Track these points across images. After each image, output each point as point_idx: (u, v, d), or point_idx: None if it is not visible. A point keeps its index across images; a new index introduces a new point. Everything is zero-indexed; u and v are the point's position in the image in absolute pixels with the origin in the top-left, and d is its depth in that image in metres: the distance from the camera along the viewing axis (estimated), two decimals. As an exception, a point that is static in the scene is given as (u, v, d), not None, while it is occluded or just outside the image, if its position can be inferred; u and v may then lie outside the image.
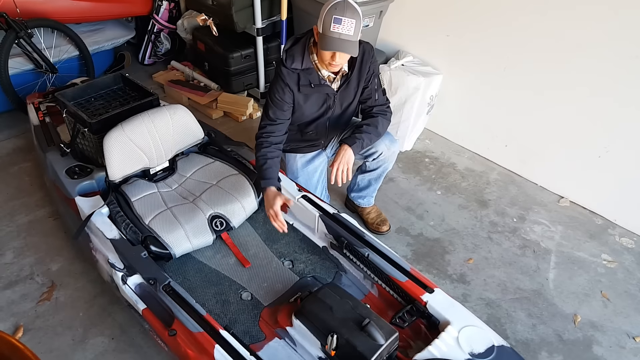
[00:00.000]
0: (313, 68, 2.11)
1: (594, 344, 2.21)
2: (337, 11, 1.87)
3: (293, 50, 2.10)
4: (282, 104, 2.16)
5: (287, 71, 2.11)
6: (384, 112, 2.31)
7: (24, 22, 3.19)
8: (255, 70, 3.68)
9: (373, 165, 2.47)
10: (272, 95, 2.17)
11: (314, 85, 2.14)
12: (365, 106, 2.33)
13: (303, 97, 2.18)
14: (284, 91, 2.13)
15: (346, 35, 1.89)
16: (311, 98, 2.20)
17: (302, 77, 2.12)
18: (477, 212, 2.88)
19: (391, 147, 2.40)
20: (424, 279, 1.90)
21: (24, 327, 2.15)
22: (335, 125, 2.38)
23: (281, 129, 2.18)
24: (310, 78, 2.12)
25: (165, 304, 1.78)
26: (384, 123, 2.30)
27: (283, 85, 2.13)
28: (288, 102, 2.16)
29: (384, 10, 3.23)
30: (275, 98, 2.15)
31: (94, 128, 2.25)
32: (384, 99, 2.32)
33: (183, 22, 3.97)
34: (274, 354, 1.75)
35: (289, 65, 2.09)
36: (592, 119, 2.69)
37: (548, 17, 2.63)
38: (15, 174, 3.02)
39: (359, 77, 2.19)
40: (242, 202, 2.24)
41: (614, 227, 2.80)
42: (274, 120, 2.17)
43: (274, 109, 2.17)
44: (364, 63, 2.17)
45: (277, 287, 2.02)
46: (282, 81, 2.12)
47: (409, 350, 1.77)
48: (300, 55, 2.09)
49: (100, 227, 2.04)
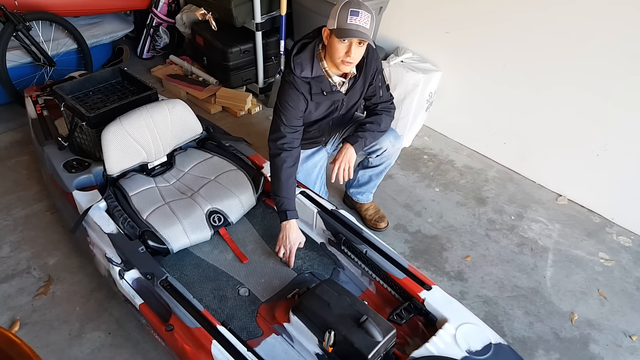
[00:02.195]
0: (324, 75, 2.06)
1: (590, 342, 2.21)
2: (353, 5, 1.88)
3: (301, 58, 2.04)
4: (296, 112, 2.09)
5: (299, 80, 2.04)
6: (388, 108, 2.30)
7: (22, 15, 3.17)
8: (254, 65, 3.66)
9: (376, 162, 2.47)
10: (285, 104, 2.07)
11: (327, 93, 2.09)
12: (369, 103, 2.31)
13: (315, 105, 2.13)
14: (299, 99, 2.06)
15: (363, 28, 1.88)
16: (322, 105, 2.16)
17: (313, 86, 2.06)
18: (475, 209, 2.88)
19: (395, 144, 2.39)
20: (422, 276, 1.90)
21: (21, 321, 2.15)
22: (338, 123, 2.37)
23: (298, 137, 2.12)
24: (322, 86, 2.07)
25: (162, 299, 1.77)
26: (387, 120, 2.29)
27: (298, 94, 2.05)
28: (302, 109, 2.10)
29: (383, 7, 3.23)
30: (289, 106, 2.07)
31: (92, 122, 2.24)
32: (387, 95, 2.31)
33: (182, 16, 3.96)
34: (271, 350, 1.75)
35: (298, 74, 2.03)
36: (591, 117, 2.69)
37: (548, 14, 2.62)
38: (13, 167, 3.01)
39: (365, 77, 2.17)
40: (240, 198, 2.24)
41: (611, 226, 2.81)
42: (292, 128, 2.09)
43: (290, 118, 2.08)
44: (368, 63, 2.14)
45: (274, 283, 2.02)
46: (296, 90, 2.05)
47: (406, 347, 1.77)
48: (309, 63, 2.03)
49: (97, 221, 2.04)
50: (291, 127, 2.08)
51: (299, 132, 2.12)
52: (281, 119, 2.08)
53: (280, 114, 2.09)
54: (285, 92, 2.08)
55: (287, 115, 2.07)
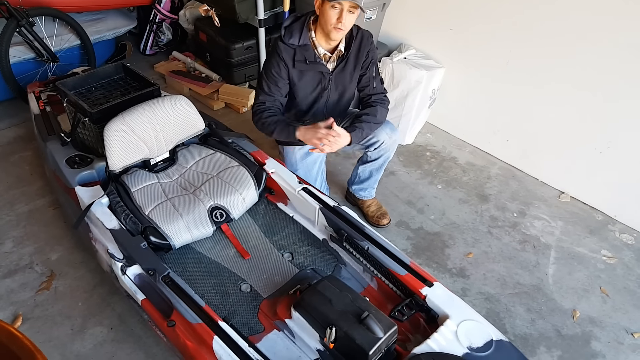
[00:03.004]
0: (310, 45, 2.16)
1: (592, 339, 2.21)
2: None
3: (292, 26, 2.15)
4: (276, 79, 2.20)
5: (283, 46, 2.16)
6: (382, 100, 2.34)
7: (25, 11, 3.18)
8: (257, 61, 3.66)
9: (375, 155, 2.47)
10: (267, 69, 2.21)
11: (309, 61, 2.18)
12: (363, 94, 2.36)
13: (298, 73, 2.21)
14: (279, 66, 2.18)
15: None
16: (306, 76, 2.23)
17: (297, 53, 2.16)
18: (478, 206, 2.88)
19: (392, 136, 2.40)
20: (424, 272, 1.90)
21: (23, 316, 2.16)
22: (332, 112, 2.38)
23: (277, 104, 2.22)
24: (306, 54, 2.17)
25: (164, 295, 1.77)
26: (382, 111, 2.31)
27: (278, 60, 2.17)
28: (283, 77, 2.20)
29: (387, 3, 3.22)
30: (270, 73, 2.20)
31: (94, 118, 2.24)
32: (381, 87, 2.35)
33: (185, 13, 3.96)
34: (272, 345, 1.75)
35: (286, 40, 2.14)
36: (594, 114, 2.68)
37: (552, 10, 2.61)
38: (16, 162, 3.02)
39: (356, 62, 2.22)
40: (242, 194, 2.24)
41: (614, 223, 2.80)
42: (269, 95, 2.22)
43: (269, 84, 2.22)
44: (362, 48, 2.21)
45: (276, 279, 2.02)
46: (277, 56, 2.17)
47: (408, 344, 1.77)
48: (298, 32, 2.14)
49: (100, 217, 2.04)
50: (270, 93, 2.21)
51: (277, 100, 2.23)
52: (260, 84, 2.24)
53: (262, 80, 2.23)
54: (268, 59, 2.23)
55: (266, 80, 2.21)
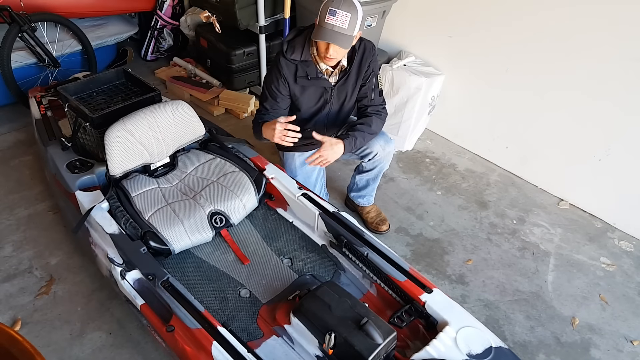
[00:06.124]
0: (311, 60, 2.15)
1: (591, 347, 2.21)
2: (333, 3, 1.91)
3: (295, 41, 2.14)
4: (276, 95, 2.20)
5: (285, 62, 2.14)
6: (379, 112, 2.32)
7: (27, 16, 3.19)
8: (257, 68, 3.68)
9: (369, 166, 2.49)
10: (267, 85, 2.22)
11: (311, 77, 2.17)
12: (360, 105, 2.35)
13: (299, 88, 2.20)
14: (278, 82, 2.17)
15: (339, 28, 1.91)
16: (308, 90, 2.22)
17: (299, 69, 2.15)
18: (477, 213, 2.88)
19: (386, 148, 2.41)
20: (423, 279, 1.90)
21: (22, 320, 2.15)
22: (333, 123, 2.39)
23: (277, 116, 2.22)
24: (307, 70, 2.15)
25: (163, 300, 1.77)
26: (378, 122, 2.31)
27: (279, 76, 2.17)
28: (283, 93, 2.20)
29: (387, 10, 3.23)
30: (270, 88, 2.21)
31: (95, 123, 2.25)
32: (380, 99, 2.34)
33: (186, 19, 3.98)
34: (271, 351, 1.75)
35: (288, 55, 2.13)
36: (593, 122, 2.69)
37: (551, 18, 2.63)
38: (16, 167, 3.02)
39: (358, 74, 2.21)
40: (242, 199, 2.24)
41: (613, 231, 2.80)
42: (269, 107, 2.23)
43: (269, 100, 2.23)
44: (364, 60, 2.19)
45: (275, 285, 2.02)
46: (278, 72, 2.16)
47: (407, 350, 1.77)
48: (300, 47, 2.12)
49: (99, 221, 2.04)
50: (270, 109, 2.23)
51: (279, 114, 2.22)
52: (262, 98, 2.26)
53: (263, 91, 2.25)
54: (269, 72, 2.23)
55: (267, 95, 2.23)
